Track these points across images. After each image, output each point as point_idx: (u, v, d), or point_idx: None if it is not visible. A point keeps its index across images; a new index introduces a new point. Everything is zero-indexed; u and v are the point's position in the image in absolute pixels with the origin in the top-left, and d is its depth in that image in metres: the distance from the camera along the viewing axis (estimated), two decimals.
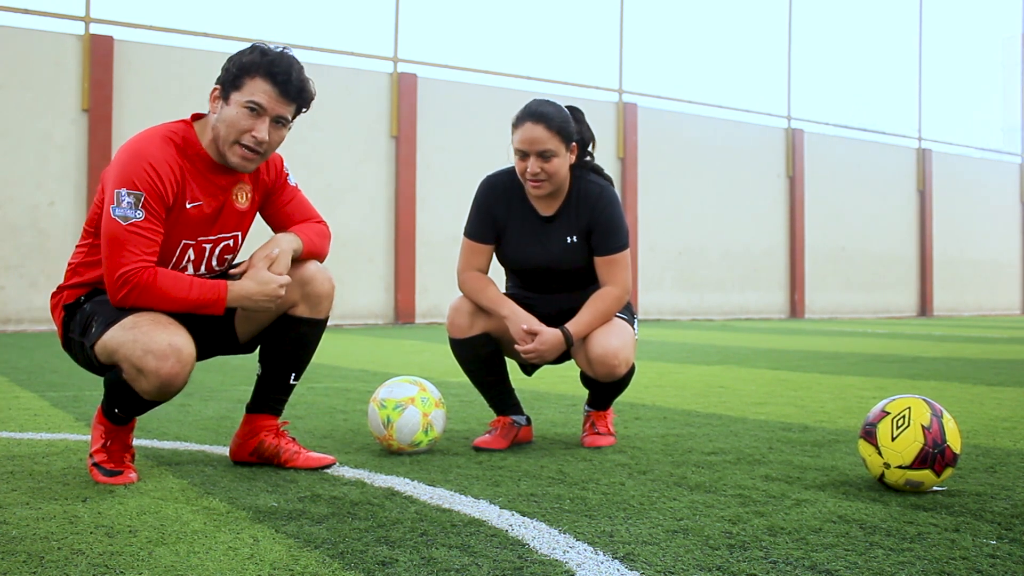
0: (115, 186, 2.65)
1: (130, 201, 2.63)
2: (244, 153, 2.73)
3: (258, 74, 2.69)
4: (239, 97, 2.69)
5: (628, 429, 3.82)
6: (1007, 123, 28.53)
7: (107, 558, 1.96)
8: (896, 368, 7.12)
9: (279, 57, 2.71)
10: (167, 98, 13.85)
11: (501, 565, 1.92)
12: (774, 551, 2.03)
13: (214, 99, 2.75)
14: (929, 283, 23.78)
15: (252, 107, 2.69)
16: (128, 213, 2.62)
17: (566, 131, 3.28)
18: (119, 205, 2.63)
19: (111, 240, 2.64)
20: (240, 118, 2.70)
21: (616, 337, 3.30)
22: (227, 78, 2.73)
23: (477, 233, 3.45)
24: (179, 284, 2.67)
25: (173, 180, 2.70)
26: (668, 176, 19.24)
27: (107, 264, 2.66)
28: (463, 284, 3.43)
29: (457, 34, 18.13)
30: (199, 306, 2.69)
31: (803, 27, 21.65)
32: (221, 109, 2.73)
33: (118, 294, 2.65)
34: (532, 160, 3.25)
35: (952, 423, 2.61)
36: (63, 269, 2.97)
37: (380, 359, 8.01)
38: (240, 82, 2.71)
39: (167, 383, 2.60)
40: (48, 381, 5.70)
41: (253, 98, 2.68)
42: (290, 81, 2.70)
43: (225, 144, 2.73)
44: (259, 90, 2.69)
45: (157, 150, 2.69)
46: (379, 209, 15.93)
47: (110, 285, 2.66)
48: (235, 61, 2.74)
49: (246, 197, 2.90)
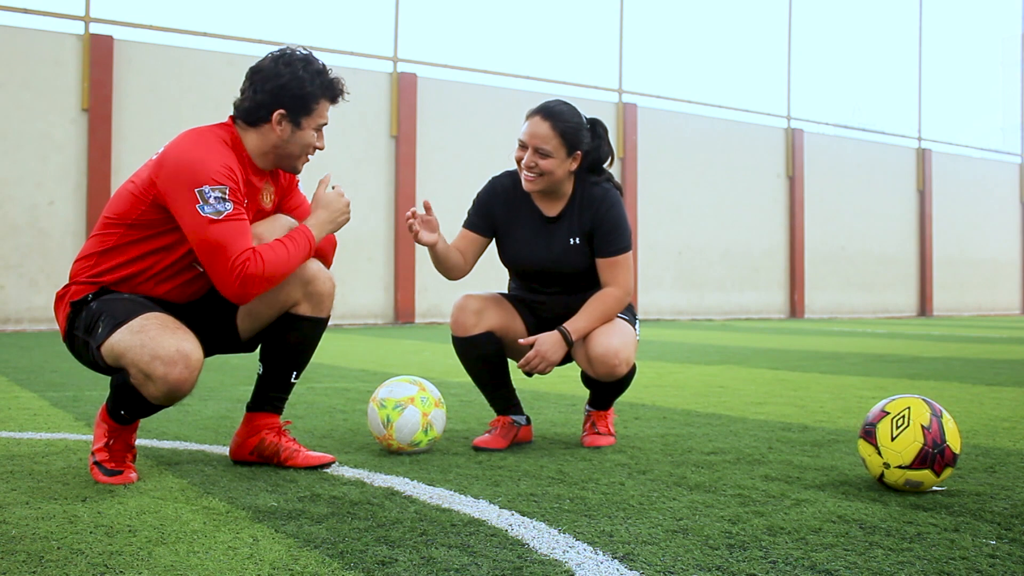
0: (194, 186, 2.66)
1: (218, 196, 2.66)
2: (306, 160, 2.96)
3: (324, 97, 2.89)
4: (311, 122, 2.88)
5: (628, 429, 3.82)
6: (1007, 123, 28.53)
7: (107, 558, 1.96)
8: (896, 368, 7.12)
9: (333, 79, 2.92)
10: (167, 98, 13.85)
11: (501, 565, 1.92)
12: (774, 551, 2.03)
13: (277, 122, 2.84)
14: (929, 283, 23.78)
15: (321, 126, 2.91)
16: (220, 208, 2.66)
17: (571, 137, 3.27)
18: (207, 203, 2.65)
19: (212, 239, 2.65)
20: (314, 139, 2.90)
21: (617, 337, 3.30)
22: (294, 105, 2.83)
23: (470, 223, 3.49)
24: (280, 252, 2.76)
25: (241, 179, 2.78)
26: (668, 176, 19.24)
27: (214, 267, 2.67)
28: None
29: (457, 34, 18.15)
30: (302, 260, 2.83)
31: (803, 27, 21.66)
32: (292, 133, 2.86)
33: (235, 287, 2.67)
34: (529, 153, 3.27)
35: (952, 423, 2.61)
36: (63, 269, 2.99)
37: (380, 359, 8.01)
38: (311, 108, 2.87)
39: (175, 389, 2.61)
40: (48, 381, 5.70)
41: (322, 120, 2.91)
42: (343, 96, 2.97)
43: (295, 159, 2.92)
44: (325, 111, 2.92)
45: (222, 150, 2.77)
46: (379, 209, 15.93)
47: (227, 285, 2.67)
48: (296, 86, 2.83)
49: (270, 198, 3.00)
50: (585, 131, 3.33)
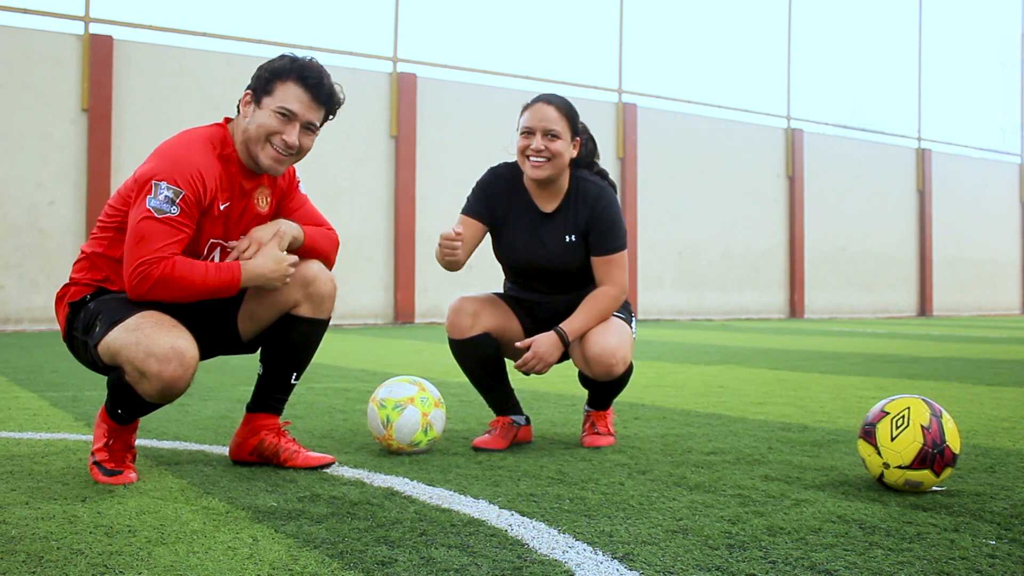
0: (155, 178, 2.65)
1: (168, 196, 2.64)
2: (274, 154, 2.78)
3: (290, 79, 2.75)
4: (271, 102, 2.75)
5: (628, 429, 3.82)
6: (1007, 123, 28.53)
7: (107, 558, 1.96)
8: (896, 368, 7.12)
9: (310, 63, 2.78)
10: (167, 98, 13.85)
11: (500, 565, 1.92)
12: (773, 551, 2.03)
13: (245, 104, 2.79)
14: (928, 283, 23.78)
15: (284, 113, 2.75)
16: (163, 207, 2.63)
17: (574, 120, 3.32)
18: (155, 196, 2.63)
19: (140, 230, 2.63)
20: (271, 121, 2.75)
21: (614, 336, 3.30)
22: (259, 84, 2.78)
23: (471, 209, 3.42)
24: (195, 271, 2.67)
25: (214, 187, 2.73)
26: (668, 176, 19.24)
27: (129, 253, 2.65)
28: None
29: (457, 34, 18.14)
30: (215, 291, 2.71)
31: (803, 27, 21.66)
32: (253, 113, 2.77)
33: (135, 281, 2.63)
34: (538, 137, 3.26)
35: (951, 423, 2.61)
36: (63, 268, 2.99)
37: (380, 359, 8.01)
38: (272, 87, 2.76)
39: (169, 386, 2.60)
40: (48, 381, 5.70)
41: (285, 104, 2.74)
42: (321, 85, 2.77)
43: (256, 145, 2.77)
44: (291, 96, 2.75)
45: (203, 155, 2.73)
46: (379, 209, 15.93)
47: (129, 275, 2.64)
48: (266, 67, 2.79)
49: (266, 201, 2.94)
50: (579, 116, 3.38)
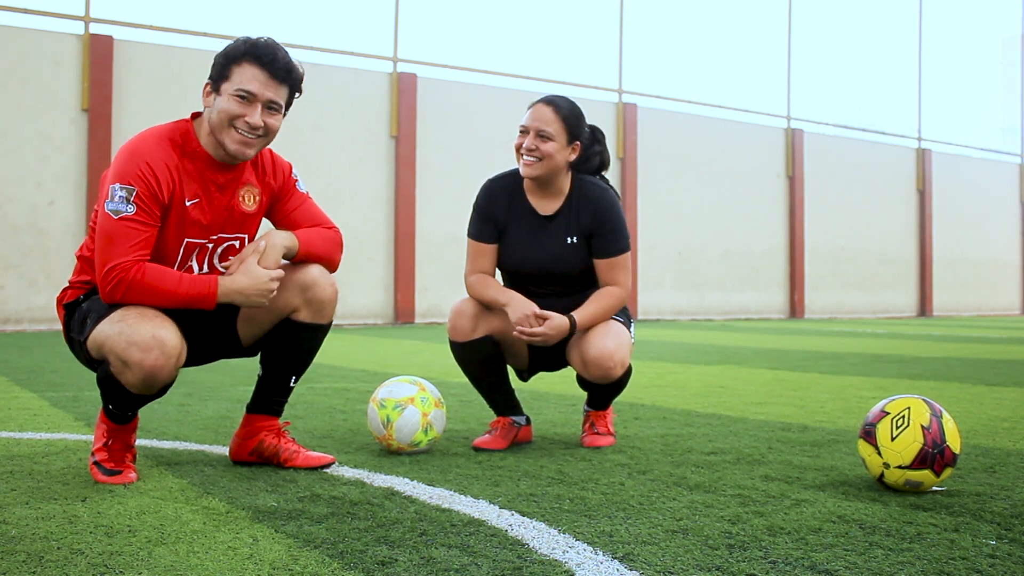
0: (110, 182, 2.67)
1: (122, 196, 2.63)
2: (240, 138, 2.73)
3: (244, 60, 2.71)
4: (229, 87, 2.71)
5: (628, 429, 3.82)
6: (1007, 123, 28.53)
7: (107, 558, 1.96)
8: (896, 368, 7.12)
9: (263, 42, 2.73)
10: (167, 98, 13.84)
11: (501, 565, 1.92)
12: (773, 551, 2.03)
13: (207, 94, 2.76)
14: (929, 283, 23.78)
15: (243, 95, 2.70)
16: (120, 207, 2.63)
17: (572, 125, 3.32)
18: (112, 200, 2.64)
19: (102, 234, 2.65)
20: (231, 105, 2.70)
21: (612, 339, 3.30)
22: (216, 71, 2.75)
23: (480, 233, 3.44)
24: (168, 279, 2.66)
25: (169, 178, 2.70)
26: (668, 176, 19.23)
27: (98, 258, 2.66)
28: (470, 288, 3.43)
29: (457, 34, 18.15)
30: (189, 301, 2.68)
31: (803, 27, 21.65)
32: (214, 101, 2.74)
33: (108, 288, 2.64)
34: (531, 136, 3.28)
35: (951, 423, 2.61)
36: (63, 269, 3.00)
37: (380, 359, 8.01)
38: (228, 71, 2.72)
39: (151, 375, 2.59)
40: (48, 381, 5.70)
41: (243, 86, 2.70)
42: (276, 60, 2.72)
43: (220, 132, 2.73)
44: (247, 76, 2.70)
45: (153, 147, 2.71)
46: (379, 209, 15.93)
47: (100, 280, 2.65)
48: (221, 53, 2.76)
49: (254, 200, 2.89)
50: (585, 125, 3.38)
